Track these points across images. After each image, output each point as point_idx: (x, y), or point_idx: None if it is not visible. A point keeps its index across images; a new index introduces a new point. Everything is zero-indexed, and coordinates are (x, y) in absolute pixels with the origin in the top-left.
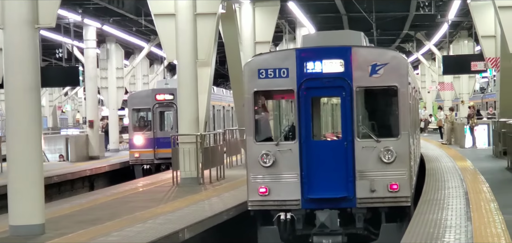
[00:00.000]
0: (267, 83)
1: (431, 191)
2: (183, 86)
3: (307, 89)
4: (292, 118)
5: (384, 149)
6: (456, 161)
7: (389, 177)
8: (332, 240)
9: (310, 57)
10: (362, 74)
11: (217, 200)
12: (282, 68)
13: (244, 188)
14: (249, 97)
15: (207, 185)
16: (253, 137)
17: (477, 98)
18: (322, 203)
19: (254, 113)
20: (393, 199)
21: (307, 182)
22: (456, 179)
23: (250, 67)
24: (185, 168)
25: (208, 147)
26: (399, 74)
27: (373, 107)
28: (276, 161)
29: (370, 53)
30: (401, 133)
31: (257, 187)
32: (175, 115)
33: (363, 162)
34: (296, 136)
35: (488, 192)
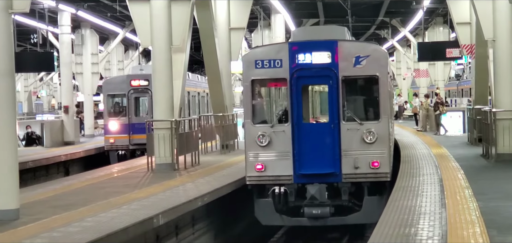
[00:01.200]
0: (263, 72)
1: (405, 178)
2: (157, 72)
3: (298, 77)
4: (285, 104)
5: (366, 131)
6: (431, 148)
7: (371, 155)
8: (321, 211)
9: (301, 49)
10: (347, 65)
11: (192, 186)
12: (276, 59)
13: (218, 174)
14: (247, 85)
15: (182, 171)
16: (251, 120)
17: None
18: (312, 178)
19: (252, 98)
20: (375, 175)
21: (298, 160)
22: (431, 166)
23: (248, 58)
24: (160, 154)
25: (183, 133)
26: (379, 64)
27: (356, 94)
28: (271, 141)
29: (354, 46)
30: (382, 117)
31: (254, 164)
32: (150, 101)
33: (347, 142)
34: (288, 119)
35: (462, 179)
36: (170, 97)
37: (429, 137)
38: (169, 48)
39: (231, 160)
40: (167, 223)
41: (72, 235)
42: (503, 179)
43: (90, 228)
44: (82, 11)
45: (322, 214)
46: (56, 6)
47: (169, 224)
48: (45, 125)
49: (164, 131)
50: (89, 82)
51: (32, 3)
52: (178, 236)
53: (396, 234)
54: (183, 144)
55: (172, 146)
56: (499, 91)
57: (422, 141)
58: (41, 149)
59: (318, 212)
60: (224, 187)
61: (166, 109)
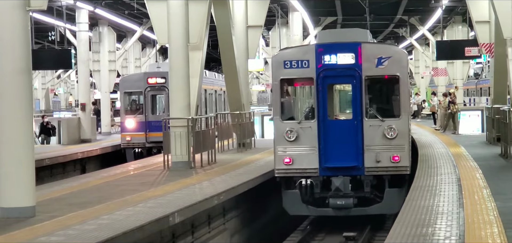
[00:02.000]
0: (291, 72)
1: (423, 177)
2: (174, 69)
3: (324, 77)
4: (312, 101)
5: (387, 127)
6: (449, 147)
7: (391, 150)
8: (344, 202)
9: (326, 51)
10: (369, 65)
11: (208, 184)
12: (304, 60)
13: (235, 173)
14: (276, 84)
15: (198, 169)
16: (279, 116)
17: (471, 84)
18: (336, 171)
19: (280, 96)
20: (395, 168)
21: (324, 154)
22: (449, 165)
23: (277, 59)
24: (176, 152)
25: (200, 131)
26: (400, 65)
27: (378, 93)
28: (298, 137)
29: (377, 48)
30: (402, 114)
31: (282, 158)
32: (167, 98)
33: (370, 138)
34: (315, 116)
35: (481, 179)
36: (187, 95)
37: (447, 136)
38: (186, 46)
39: (248, 158)
40: (183, 221)
41: (88, 233)
42: None
43: (106, 226)
44: (100, 8)
45: (346, 205)
46: (74, 3)
47: (185, 223)
48: (62, 122)
49: (181, 129)
50: (106, 79)
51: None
52: (194, 234)
53: (413, 234)
54: (199, 142)
55: (188, 144)
56: None
57: (440, 140)
58: (58, 146)
59: (342, 203)
60: (240, 185)
61: (183, 107)
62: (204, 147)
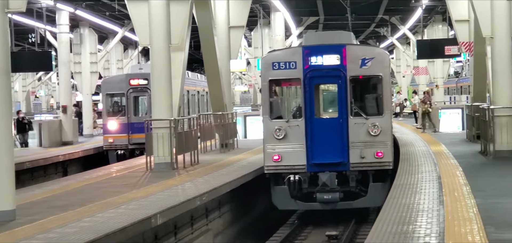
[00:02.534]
0: (279, 73)
1: (404, 175)
2: (156, 71)
3: (311, 78)
4: (299, 101)
5: (371, 124)
6: (430, 146)
7: (375, 146)
8: (331, 196)
9: (313, 53)
10: (354, 66)
11: (190, 185)
12: (291, 61)
13: (217, 173)
14: (265, 84)
15: (181, 170)
16: (268, 115)
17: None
18: (323, 167)
19: (269, 96)
20: (379, 163)
21: (311, 151)
22: (430, 163)
23: (266, 61)
24: (158, 153)
25: (182, 132)
26: (383, 66)
27: (362, 92)
28: (286, 135)
29: (360, 49)
30: (385, 112)
31: (271, 155)
32: (149, 100)
33: (355, 135)
34: (302, 115)
35: (461, 176)
36: (169, 96)
37: (428, 134)
38: (168, 47)
39: (231, 159)
40: (165, 222)
41: (69, 236)
42: (501, 176)
43: (88, 229)
44: (81, 10)
45: (332, 199)
46: (54, 5)
47: (167, 224)
48: (43, 125)
49: (163, 130)
50: (87, 81)
51: (30, 2)
52: (176, 235)
53: (395, 232)
54: (182, 143)
55: (171, 145)
56: (497, 88)
57: (421, 139)
58: (39, 149)
59: (329, 197)
60: (223, 186)
61: (165, 108)
62: (186, 148)
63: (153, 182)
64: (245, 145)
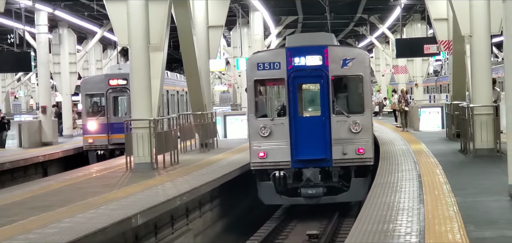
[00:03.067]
0: (264, 73)
1: (384, 174)
2: (135, 71)
3: (294, 77)
4: (283, 100)
5: (353, 122)
6: (410, 144)
7: (357, 143)
8: (315, 191)
9: (296, 53)
10: (335, 66)
11: (171, 185)
12: (276, 62)
13: (197, 173)
14: (250, 84)
15: (160, 170)
16: (254, 114)
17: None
18: (307, 163)
19: (254, 96)
20: (360, 160)
21: (295, 148)
22: (410, 162)
23: (251, 62)
24: (138, 153)
25: (162, 132)
26: (363, 66)
27: (344, 91)
28: (271, 132)
29: (342, 50)
30: (365, 110)
31: (257, 152)
32: (128, 100)
33: (337, 132)
34: (286, 113)
35: (441, 174)
36: (149, 96)
37: (408, 133)
38: (147, 47)
39: (211, 159)
40: (146, 222)
41: (49, 237)
42: (480, 174)
43: (68, 229)
44: (59, 10)
45: (316, 194)
46: (33, 5)
47: (148, 224)
48: (22, 125)
49: (143, 130)
50: (67, 81)
51: (9, 3)
52: (157, 235)
53: (375, 231)
54: (161, 143)
55: (150, 146)
56: (476, 87)
57: (401, 138)
58: (19, 149)
59: (313, 192)
60: (203, 186)
61: (145, 108)
62: (166, 148)
63: (133, 182)
64: (225, 145)
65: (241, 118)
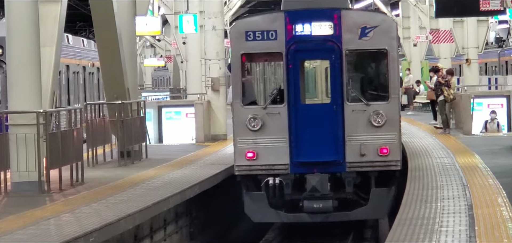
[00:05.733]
0: (255, 45)
1: (414, 205)
2: (16, 32)
3: (295, 51)
4: (280, 81)
5: (374, 112)
6: (456, 156)
7: (379, 141)
8: (322, 204)
9: (298, 19)
10: (351, 37)
11: (70, 218)
12: (270, 30)
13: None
14: (236, 60)
15: (55, 193)
16: (240, 100)
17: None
18: (311, 167)
19: (241, 76)
20: (383, 163)
21: (295, 146)
22: (456, 184)
23: (237, 29)
24: (19, 166)
25: (57, 132)
26: (389, 37)
27: (362, 70)
28: (264, 125)
29: (360, 16)
30: (391, 97)
31: (244, 152)
32: (4, 80)
33: (352, 126)
34: (284, 100)
35: (505, 206)
36: (37, 74)
37: (453, 138)
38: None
39: (136, 177)
40: None
41: None
42: None
43: None
44: None
45: (324, 208)
46: None
47: None
48: None
49: (27, 129)
50: None
51: None
52: None
53: None
54: (57, 150)
55: (39, 154)
56: None
57: (442, 145)
58: None
59: (320, 205)
60: (124, 220)
61: (30, 94)
62: (64, 159)
63: (10, 213)
64: (158, 154)
65: (186, 111)
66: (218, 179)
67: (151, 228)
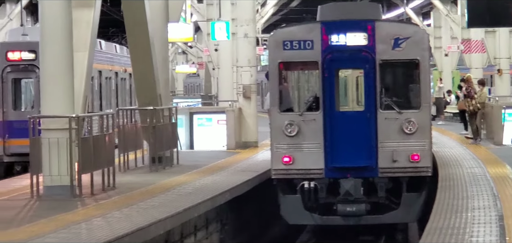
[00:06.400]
0: (292, 54)
1: (444, 214)
2: (49, 38)
3: (331, 60)
4: (316, 89)
5: (405, 120)
6: (487, 167)
7: (410, 147)
8: (355, 208)
9: (334, 29)
10: (384, 47)
11: (102, 223)
12: (307, 40)
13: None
14: (274, 68)
15: (86, 198)
16: (277, 107)
17: None
18: (345, 172)
19: (279, 83)
20: (414, 169)
21: (330, 152)
22: (486, 194)
23: (275, 39)
24: (51, 170)
25: (89, 137)
26: (421, 48)
27: (395, 80)
28: (300, 131)
29: (393, 27)
30: (422, 105)
31: (281, 156)
32: (38, 85)
33: (385, 133)
34: (319, 107)
35: None
36: (69, 79)
37: (484, 148)
38: (68, 0)
39: (167, 182)
40: None
41: None
42: None
43: None
44: None
45: (357, 212)
46: None
47: None
48: None
49: (59, 134)
50: None
51: None
52: None
53: None
54: (89, 155)
55: (71, 159)
56: None
57: (473, 155)
58: None
59: (353, 209)
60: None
61: (62, 99)
62: (96, 164)
63: (42, 217)
64: (189, 160)
65: (217, 117)
66: (249, 186)
67: (182, 234)
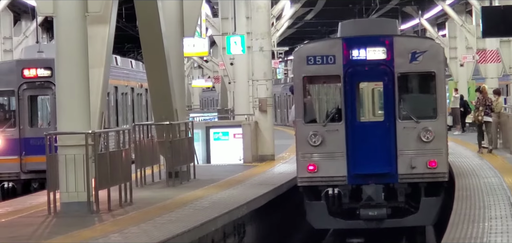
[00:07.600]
0: (315, 69)
1: (461, 224)
2: (64, 55)
3: (352, 74)
4: (338, 101)
5: (423, 129)
6: (504, 176)
7: (428, 155)
8: (377, 212)
9: (354, 45)
10: (402, 61)
11: (119, 238)
12: (329, 55)
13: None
14: (298, 82)
15: (103, 214)
16: (302, 118)
17: None
18: (367, 179)
19: (303, 96)
20: (432, 175)
21: (353, 160)
22: (503, 204)
23: (299, 54)
24: (68, 187)
25: (106, 153)
26: (437, 61)
27: (412, 91)
28: (323, 141)
29: (410, 41)
30: (439, 115)
31: (306, 165)
32: (54, 102)
33: (404, 141)
34: (342, 118)
35: None
36: (85, 95)
37: (501, 158)
38: (83, 17)
39: (184, 197)
40: None
41: None
42: None
43: None
44: None
45: (379, 216)
46: None
47: None
48: None
49: (76, 150)
50: None
51: None
52: None
53: None
54: (105, 171)
55: (88, 175)
56: None
57: (489, 165)
58: None
59: (375, 213)
60: (172, 240)
61: (79, 115)
62: (113, 180)
63: (60, 234)
64: (206, 175)
65: (234, 131)
66: (266, 199)
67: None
